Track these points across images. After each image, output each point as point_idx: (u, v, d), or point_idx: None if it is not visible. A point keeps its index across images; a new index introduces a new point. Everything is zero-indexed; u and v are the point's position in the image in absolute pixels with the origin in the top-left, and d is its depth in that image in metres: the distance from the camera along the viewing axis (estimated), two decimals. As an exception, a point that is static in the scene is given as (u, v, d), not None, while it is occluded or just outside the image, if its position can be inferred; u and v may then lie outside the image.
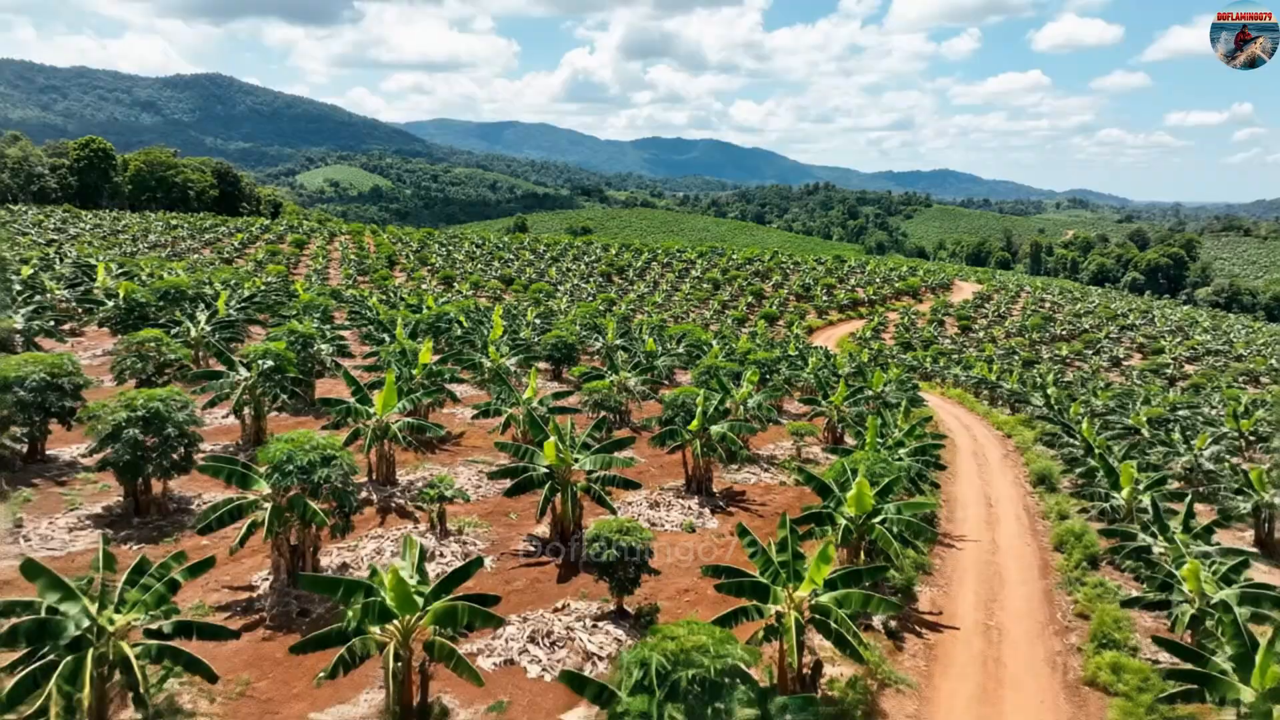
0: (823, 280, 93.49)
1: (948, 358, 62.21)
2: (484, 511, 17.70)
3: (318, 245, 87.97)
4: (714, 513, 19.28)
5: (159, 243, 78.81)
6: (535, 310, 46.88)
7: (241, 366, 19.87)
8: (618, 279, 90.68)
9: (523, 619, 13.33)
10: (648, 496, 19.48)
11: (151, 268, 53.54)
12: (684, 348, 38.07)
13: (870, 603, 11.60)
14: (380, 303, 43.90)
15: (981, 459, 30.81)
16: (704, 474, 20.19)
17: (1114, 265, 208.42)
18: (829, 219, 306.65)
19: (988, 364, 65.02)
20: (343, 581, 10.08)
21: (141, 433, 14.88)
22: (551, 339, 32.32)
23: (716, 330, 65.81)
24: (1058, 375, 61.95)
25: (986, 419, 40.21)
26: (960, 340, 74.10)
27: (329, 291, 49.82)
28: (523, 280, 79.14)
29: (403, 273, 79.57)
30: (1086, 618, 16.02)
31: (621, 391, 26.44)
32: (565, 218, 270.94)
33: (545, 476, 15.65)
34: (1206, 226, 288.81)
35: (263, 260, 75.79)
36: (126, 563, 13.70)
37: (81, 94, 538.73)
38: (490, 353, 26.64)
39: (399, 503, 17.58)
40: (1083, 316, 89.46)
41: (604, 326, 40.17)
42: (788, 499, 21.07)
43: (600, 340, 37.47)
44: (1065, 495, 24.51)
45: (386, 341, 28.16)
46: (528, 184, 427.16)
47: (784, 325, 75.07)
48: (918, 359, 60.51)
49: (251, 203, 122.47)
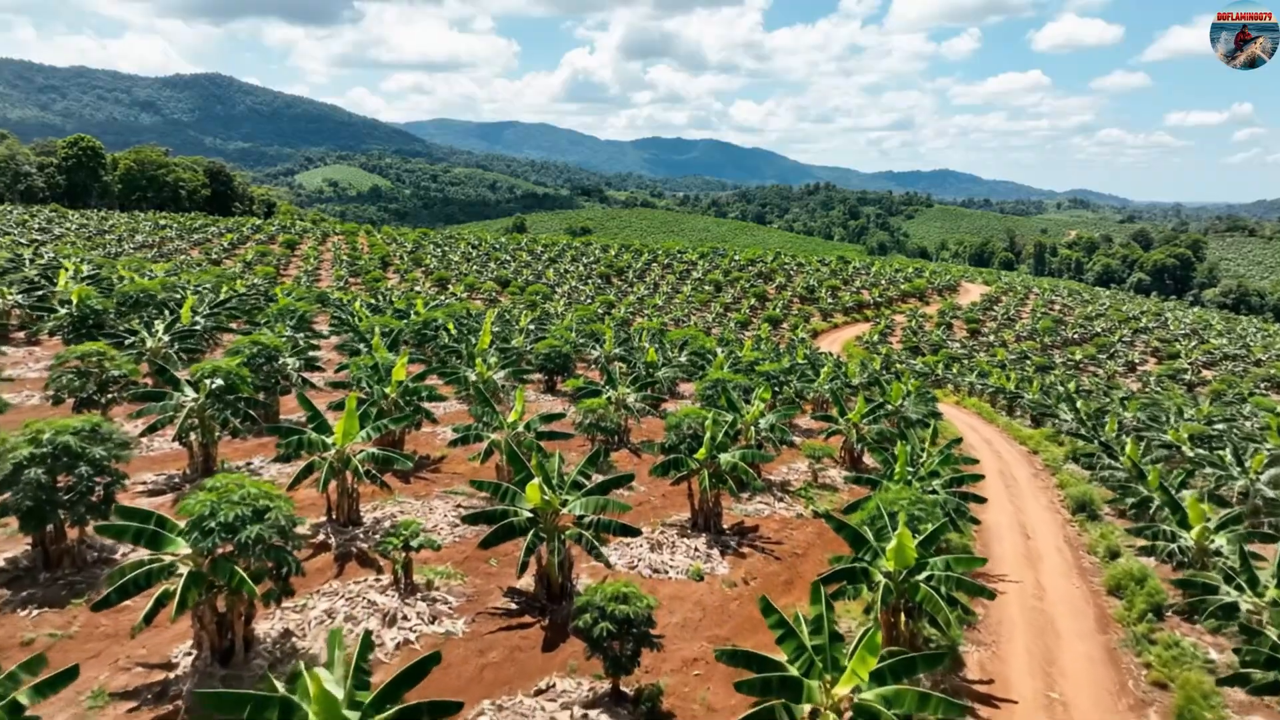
0: (827, 282, 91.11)
1: (960, 364, 59.83)
2: (460, 557, 15.33)
3: (310, 246, 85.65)
4: (724, 553, 16.92)
5: (146, 243, 76.42)
6: (530, 315, 44.52)
7: (188, 386, 17.51)
8: (617, 280, 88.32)
9: (496, 707, 10.96)
10: (649, 536, 17.12)
11: (130, 269, 51.23)
12: (686, 357, 35.72)
13: (929, 704, 9.23)
14: (366, 307, 41.54)
15: (1009, 479, 28.44)
16: (712, 508, 17.84)
17: (1119, 266, 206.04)
18: (830, 219, 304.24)
19: (1000, 369, 62.71)
20: (250, 698, 7.70)
21: (48, 473, 12.50)
22: (545, 349, 29.96)
23: (719, 335, 63.45)
24: (1073, 381, 59.67)
25: (1007, 432, 37.85)
26: (970, 344, 71.73)
27: (314, 295, 47.47)
28: (519, 282, 76.78)
29: (396, 274, 77.26)
30: (1164, 687, 13.67)
31: (619, 409, 24.09)
32: (565, 218, 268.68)
33: (528, 523, 13.28)
34: (1210, 227, 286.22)
35: (251, 261, 73.49)
36: (12, 638, 11.44)
37: (80, 94, 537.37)
38: (477, 365, 24.27)
39: (361, 547, 15.21)
40: (1094, 319, 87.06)
41: (601, 334, 37.80)
42: (806, 536, 18.72)
43: (598, 349, 35.11)
44: (1110, 525, 22.15)
45: (363, 352, 25.78)
46: (527, 184, 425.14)
47: (788, 328, 72.72)
48: (928, 365, 58.15)
49: (245, 203, 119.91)
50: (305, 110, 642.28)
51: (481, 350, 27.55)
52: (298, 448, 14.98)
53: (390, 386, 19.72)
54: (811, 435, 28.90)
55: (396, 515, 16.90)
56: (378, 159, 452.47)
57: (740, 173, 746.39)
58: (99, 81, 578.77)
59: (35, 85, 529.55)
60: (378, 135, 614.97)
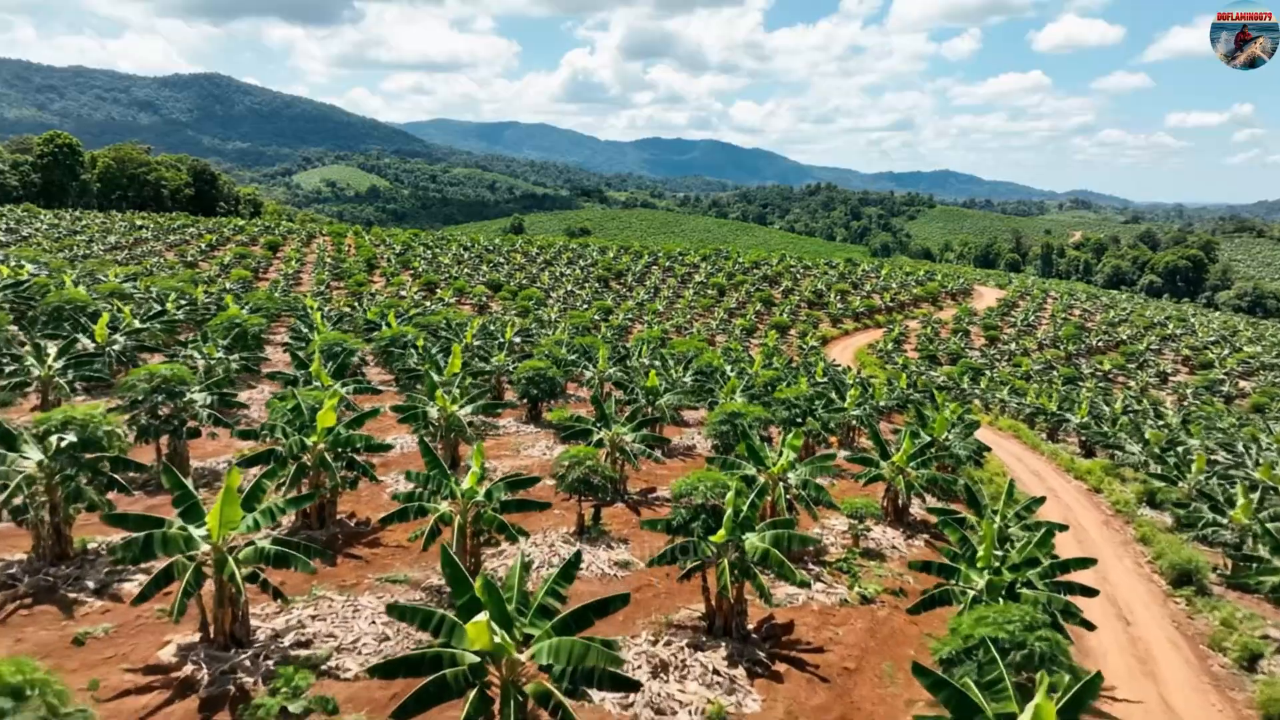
0: (835, 286, 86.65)
1: (987, 377, 55.38)
2: (386, 698, 10.85)
3: (293, 248, 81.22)
4: (752, 675, 12.46)
5: (119, 244, 72.08)
6: (515, 327, 40.06)
7: (32, 442, 13.06)
8: (615, 285, 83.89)
9: None
10: (650, 650, 12.66)
11: (80, 274, 46.79)
12: (692, 377, 31.24)
13: None
14: (328, 318, 37.08)
15: (1078, 529, 23.95)
16: (734, 605, 13.38)
17: (1130, 268, 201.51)
18: (831, 219, 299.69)
19: (1026, 380, 58.24)
20: None
21: None
22: (528, 370, 25.55)
23: (724, 345, 59.06)
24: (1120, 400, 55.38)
25: (1056, 463, 33.34)
26: (990, 353, 67.22)
27: (277, 303, 43.07)
28: (511, 286, 72.34)
29: (383, 277, 72.84)
30: None
31: (614, 453, 19.66)
32: (563, 218, 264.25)
33: (471, 676, 8.82)
34: (1218, 227, 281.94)
35: (229, 264, 69.11)
36: None
37: (78, 93, 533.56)
38: (438, 399, 19.82)
39: (245, 682, 10.74)
40: (1117, 325, 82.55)
41: (594, 349, 33.35)
42: (856, 635, 14.27)
43: (590, 369, 30.63)
44: (1227, 605, 17.68)
45: (304, 380, 21.32)
46: (527, 184, 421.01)
47: (796, 335, 68.32)
48: (951, 377, 53.65)
49: (230, 203, 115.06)
50: (304, 110, 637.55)
51: (449, 378, 23.10)
52: (142, 552, 10.39)
53: (315, 435, 15.24)
54: (840, 473, 24.50)
55: (307, 623, 12.45)
56: (376, 159, 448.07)
57: (741, 173, 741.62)
58: (97, 81, 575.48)
59: (33, 85, 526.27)
60: (377, 135, 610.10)
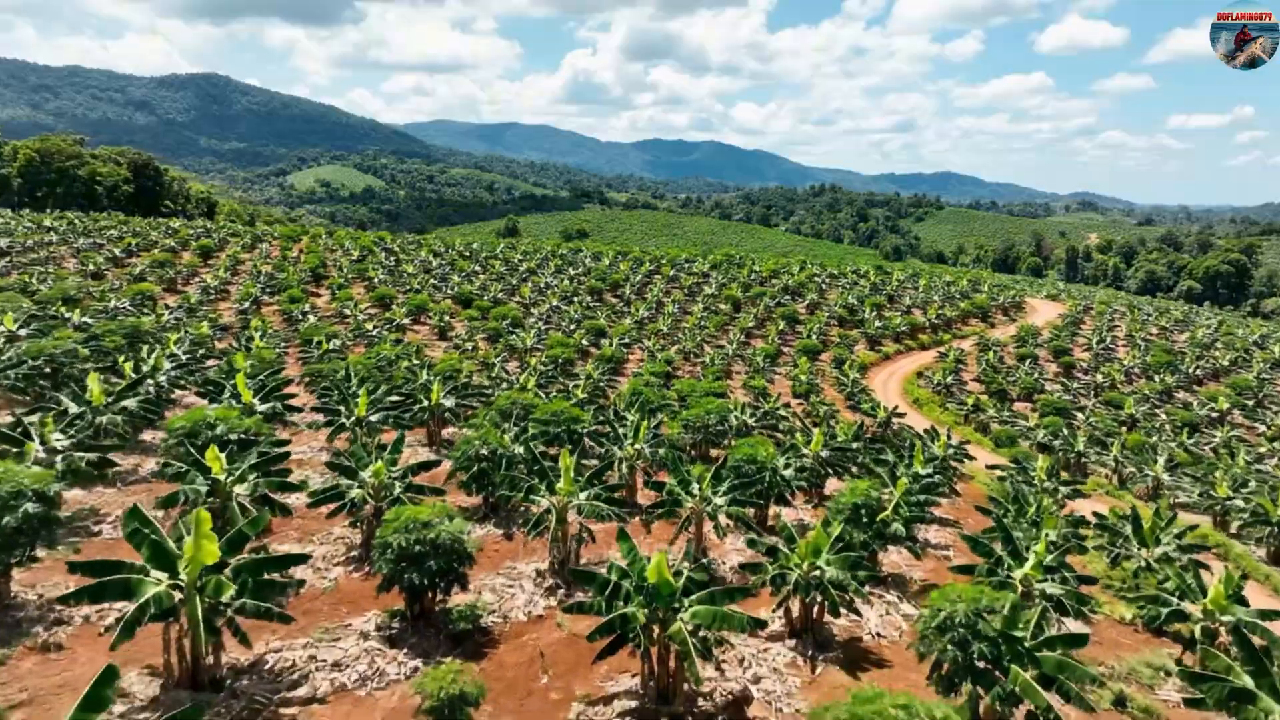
0: (869, 299, 74.18)
1: (1086, 425, 42.88)
2: None
3: (231, 252, 69.00)
4: None
5: (9, 248, 60.08)
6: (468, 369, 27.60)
7: None
8: (610, 297, 71.50)
9: None
10: None
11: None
12: (728, 486, 18.59)
13: None
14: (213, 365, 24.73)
15: None
16: None
17: (1165, 273, 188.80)
18: (838, 221, 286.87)
19: (1130, 427, 45.79)
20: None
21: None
22: (405, 523, 13.21)
23: (744, 378, 46.65)
24: (1234, 445, 42.96)
25: (1254, 577, 20.78)
26: (1074, 387, 54.61)
27: (124, 327, 30.82)
28: (484, 301, 60.03)
29: (329, 290, 60.65)
30: None
31: None
32: (561, 220, 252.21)
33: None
34: (1242, 230, 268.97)
35: (141, 274, 57.05)
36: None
37: (74, 93, 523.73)
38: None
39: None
40: (1209, 347, 69.86)
41: (573, 418, 20.96)
42: None
43: (555, 468, 18.12)
44: None
45: None
46: (526, 185, 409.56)
47: (829, 361, 56.02)
48: (1050, 430, 40.21)
49: (177, 201, 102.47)
50: (303, 110, 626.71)
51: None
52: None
53: None
54: None
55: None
56: (373, 159, 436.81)
57: (742, 175, 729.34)
58: (93, 81, 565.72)
59: (28, 84, 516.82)
60: (376, 136, 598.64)
